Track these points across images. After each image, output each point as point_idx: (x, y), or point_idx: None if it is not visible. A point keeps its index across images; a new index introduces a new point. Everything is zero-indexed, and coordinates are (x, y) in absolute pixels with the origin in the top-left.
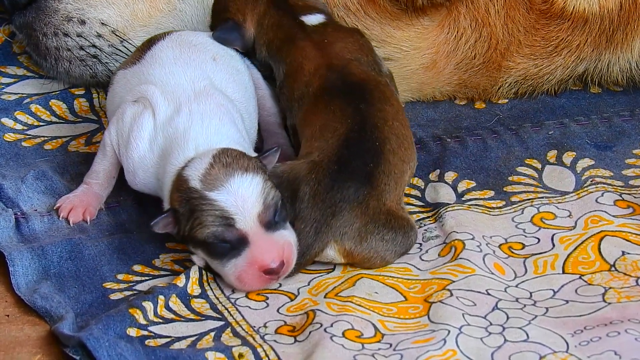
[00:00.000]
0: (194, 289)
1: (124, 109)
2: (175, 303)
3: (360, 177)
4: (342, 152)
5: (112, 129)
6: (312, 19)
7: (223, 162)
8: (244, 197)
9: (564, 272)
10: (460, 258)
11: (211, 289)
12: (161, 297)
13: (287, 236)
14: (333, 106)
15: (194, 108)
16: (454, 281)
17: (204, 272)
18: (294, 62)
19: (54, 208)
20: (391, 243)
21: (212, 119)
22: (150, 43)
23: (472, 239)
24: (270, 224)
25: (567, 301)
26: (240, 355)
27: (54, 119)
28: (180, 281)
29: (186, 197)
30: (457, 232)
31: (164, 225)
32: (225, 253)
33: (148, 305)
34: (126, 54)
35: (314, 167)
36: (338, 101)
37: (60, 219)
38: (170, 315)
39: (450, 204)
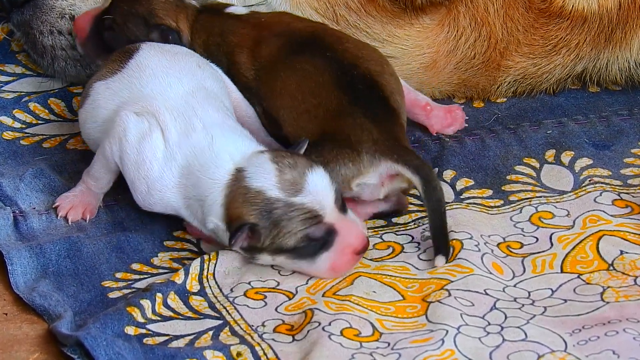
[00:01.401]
0: (192, 285)
1: (125, 124)
2: (174, 300)
3: (377, 101)
4: (342, 95)
5: (114, 146)
6: (238, 9)
7: (287, 164)
8: (323, 192)
9: (562, 272)
10: (459, 258)
11: (210, 286)
12: (159, 294)
13: (353, 215)
14: (299, 64)
15: (205, 121)
16: (452, 281)
17: (204, 267)
18: (234, 49)
19: (53, 207)
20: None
21: (229, 128)
22: (126, 53)
23: (470, 238)
24: (342, 207)
25: (565, 300)
26: (239, 354)
27: (52, 117)
28: (179, 278)
29: (267, 209)
30: (455, 232)
31: (241, 241)
32: (317, 250)
33: (146, 304)
34: None
35: (326, 113)
36: (302, 58)
37: (58, 218)
38: (169, 313)
39: (449, 202)
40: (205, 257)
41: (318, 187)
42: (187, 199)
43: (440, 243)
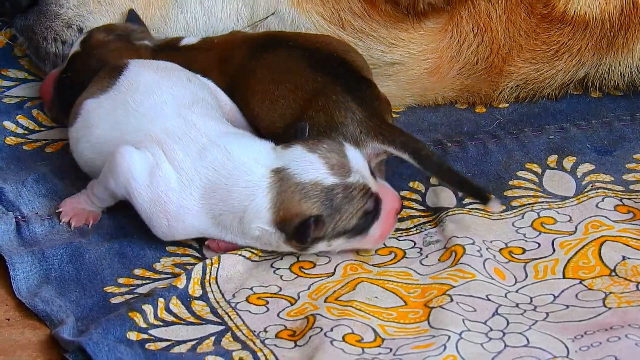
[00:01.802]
0: (195, 289)
1: (129, 162)
2: (176, 305)
3: (351, 76)
4: (316, 73)
5: (120, 185)
6: (190, 40)
7: (325, 149)
8: (362, 165)
9: (564, 277)
10: (461, 263)
11: (212, 291)
12: (161, 299)
13: (379, 178)
14: (267, 59)
15: (210, 135)
16: (454, 286)
17: (207, 271)
18: (202, 75)
19: (56, 211)
20: None
21: (234, 135)
22: (115, 70)
23: (473, 243)
24: (373, 174)
25: (567, 306)
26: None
27: (54, 123)
28: (181, 282)
29: (328, 197)
30: (458, 237)
31: (312, 235)
32: (371, 221)
33: (148, 309)
34: None
35: (305, 94)
36: (268, 54)
37: (61, 223)
38: (171, 318)
39: (451, 208)
40: (208, 261)
41: (359, 162)
42: (215, 216)
43: (474, 189)
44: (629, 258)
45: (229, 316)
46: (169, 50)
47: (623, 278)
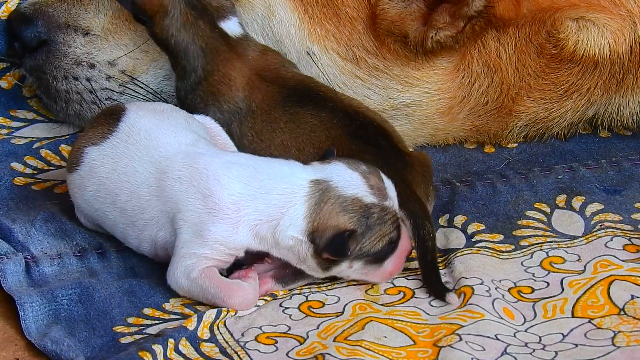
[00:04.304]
0: (204, 332)
1: (183, 271)
2: (185, 346)
3: (390, 149)
4: (353, 142)
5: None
6: (232, 27)
7: (365, 170)
8: (395, 195)
9: (573, 316)
10: (470, 304)
11: (220, 333)
12: (171, 340)
13: None
14: (304, 117)
15: (229, 157)
16: (463, 326)
17: (222, 315)
18: (219, 73)
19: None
20: None
21: (255, 157)
22: (113, 115)
23: (481, 283)
24: None
25: (576, 345)
26: None
27: (64, 163)
28: (191, 324)
29: (365, 215)
30: (466, 278)
31: (349, 249)
32: (391, 252)
33: (158, 349)
34: (137, 92)
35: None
36: (305, 110)
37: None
38: (180, 359)
39: (460, 248)
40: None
41: (393, 192)
42: (252, 227)
43: (434, 288)
44: (637, 297)
45: (238, 355)
46: (204, 22)
47: (632, 317)
